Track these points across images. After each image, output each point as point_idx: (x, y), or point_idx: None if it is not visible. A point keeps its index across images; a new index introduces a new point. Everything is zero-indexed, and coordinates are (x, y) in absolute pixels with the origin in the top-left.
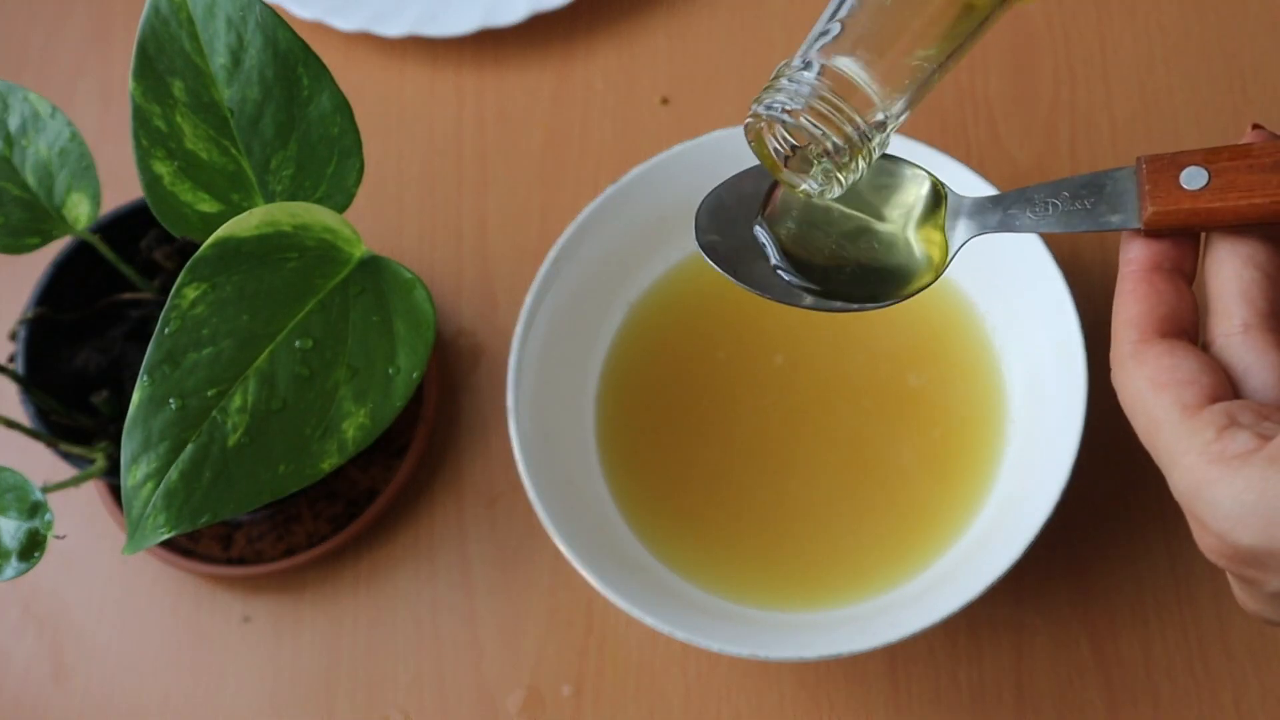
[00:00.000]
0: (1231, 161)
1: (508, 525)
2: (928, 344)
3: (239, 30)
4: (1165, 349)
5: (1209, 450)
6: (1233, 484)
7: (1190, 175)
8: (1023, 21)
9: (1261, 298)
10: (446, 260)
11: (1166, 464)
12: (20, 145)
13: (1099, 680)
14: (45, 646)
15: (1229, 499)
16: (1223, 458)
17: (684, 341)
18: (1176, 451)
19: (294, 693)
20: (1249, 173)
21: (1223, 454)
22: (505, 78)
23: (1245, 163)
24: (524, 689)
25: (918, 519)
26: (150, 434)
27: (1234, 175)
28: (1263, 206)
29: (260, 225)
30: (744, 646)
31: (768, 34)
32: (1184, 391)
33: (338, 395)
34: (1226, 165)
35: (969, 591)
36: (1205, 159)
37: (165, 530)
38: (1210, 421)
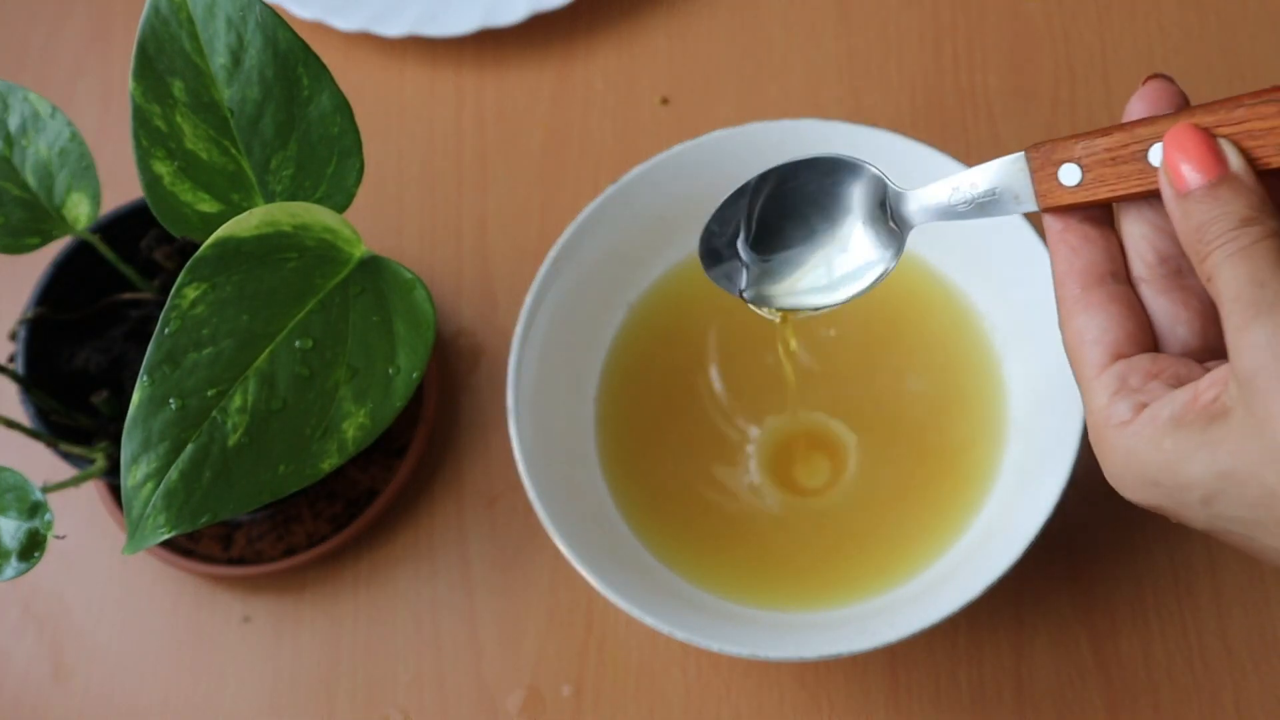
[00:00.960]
0: (1098, 157)
1: (508, 525)
2: (927, 344)
3: (239, 30)
4: (1081, 305)
5: (1100, 414)
6: (1113, 450)
7: (1066, 172)
8: (1023, 21)
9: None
10: (446, 260)
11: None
12: (20, 145)
13: (1099, 680)
14: (45, 646)
15: (1109, 461)
16: (1107, 425)
17: (684, 341)
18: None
19: (294, 693)
20: (1113, 165)
21: (1108, 421)
22: (505, 78)
23: (1109, 155)
24: (524, 689)
25: (917, 519)
26: (150, 434)
27: (1101, 170)
28: (1131, 193)
29: (260, 225)
30: (744, 646)
31: (768, 34)
32: (1091, 351)
33: (338, 395)
34: (1093, 161)
35: (968, 591)
36: (1078, 154)
37: (165, 530)
38: (1105, 385)
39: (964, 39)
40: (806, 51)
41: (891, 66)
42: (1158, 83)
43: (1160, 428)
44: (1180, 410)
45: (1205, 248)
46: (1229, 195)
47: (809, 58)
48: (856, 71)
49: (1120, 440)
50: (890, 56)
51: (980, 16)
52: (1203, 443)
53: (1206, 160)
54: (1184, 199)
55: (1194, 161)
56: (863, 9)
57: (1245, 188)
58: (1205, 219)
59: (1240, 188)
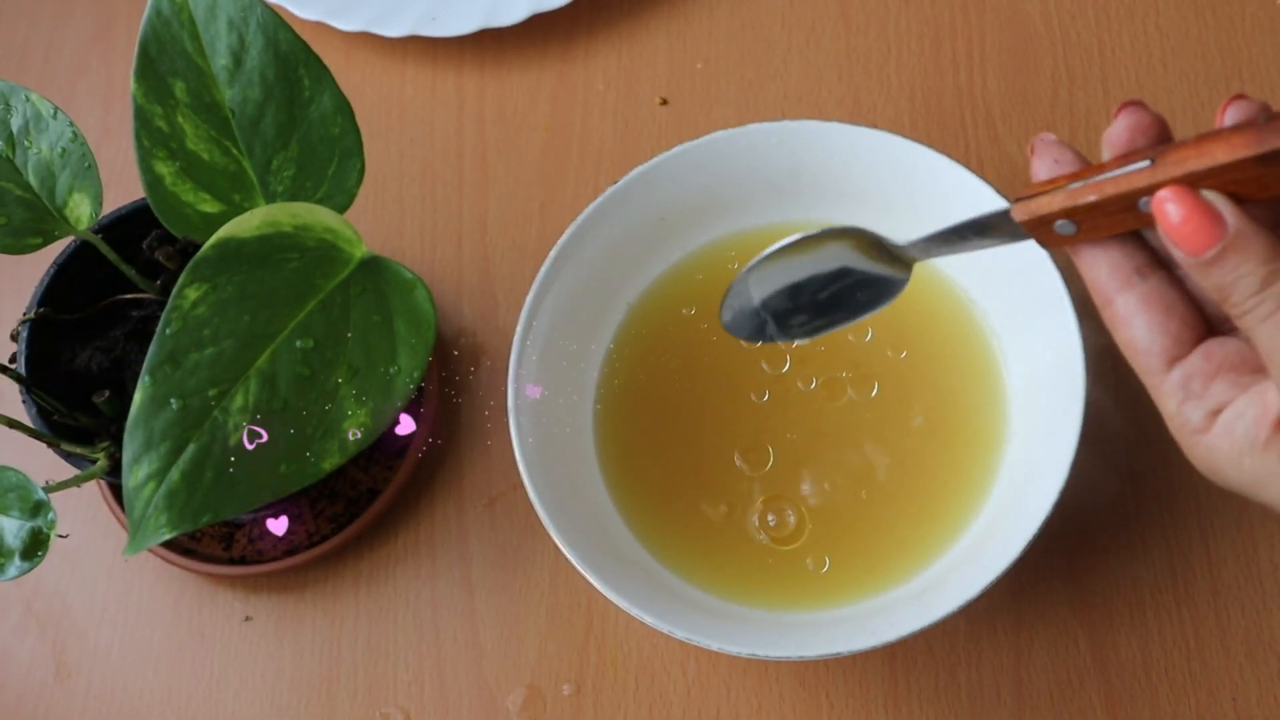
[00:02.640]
0: (1089, 214)
1: (508, 525)
2: (927, 345)
3: (240, 31)
4: (1123, 314)
5: (1175, 420)
6: (1194, 454)
7: (1061, 226)
8: (1022, 22)
9: None
10: (446, 260)
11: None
12: (22, 145)
13: (1097, 679)
14: (47, 645)
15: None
16: (1184, 431)
17: (684, 341)
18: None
19: (295, 692)
20: (1105, 216)
21: (1183, 427)
22: (505, 78)
23: (1101, 212)
24: (524, 688)
25: (916, 518)
26: (152, 434)
27: (1095, 220)
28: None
29: (261, 226)
30: (743, 645)
31: (767, 34)
32: (1146, 360)
33: (339, 395)
34: (1085, 216)
35: (968, 591)
36: (1067, 214)
37: (167, 530)
38: (1171, 394)
39: (963, 40)
40: (806, 52)
41: (891, 67)
42: (1132, 110)
43: (1237, 446)
44: (1253, 427)
45: (1236, 309)
46: (1239, 257)
47: (809, 58)
48: (856, 72)
49: (1199, 449)
50: (890, 57)
51: (980, 18)
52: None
53: (1204, 227)
54: (1197, 265)
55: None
56: (863, 9)
57: (1250, 242)
58: (1224, 282)
59: (1246, 245)
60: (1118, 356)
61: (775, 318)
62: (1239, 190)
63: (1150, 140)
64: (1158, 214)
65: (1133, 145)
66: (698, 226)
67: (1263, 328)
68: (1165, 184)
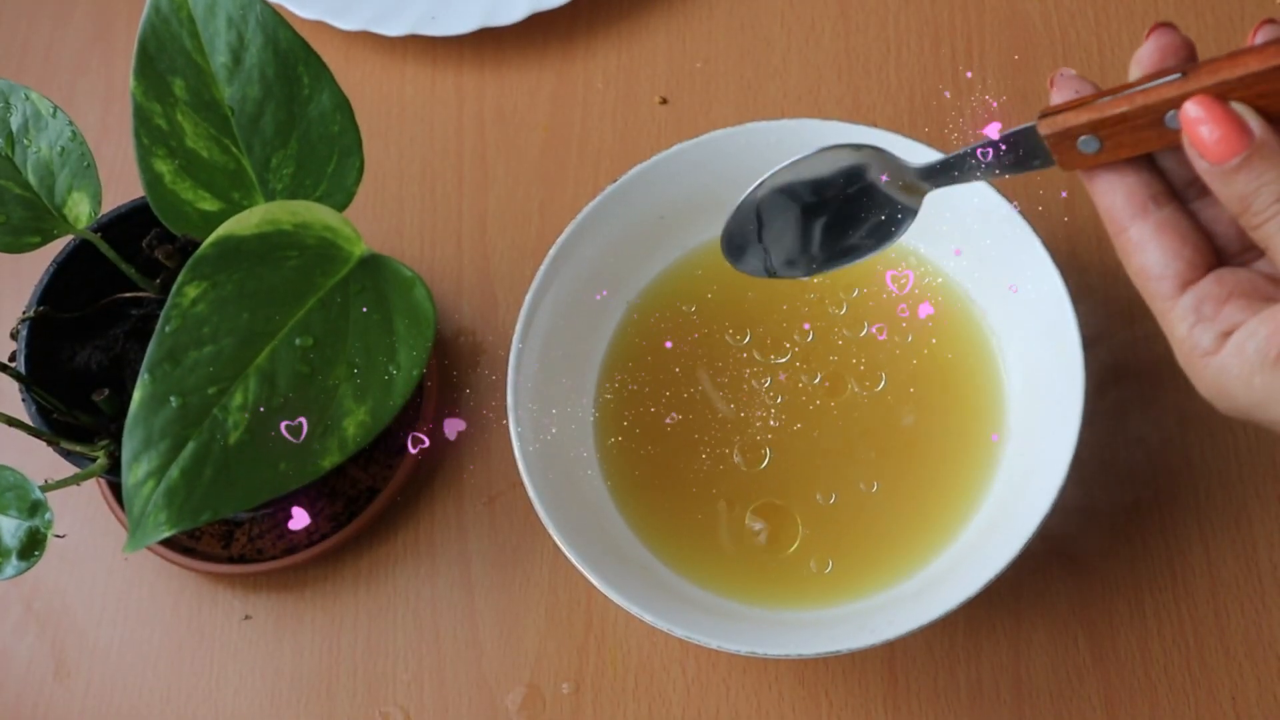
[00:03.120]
0: (1115, 128)
1: (507, 524)
2: (925, 345)
3: (240, 29)
4: (1135, 245)
5: (1183, 344)
6: (1202, 379)
7: (1085, 143)
8: (1021, 21)
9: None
10: (446, 259)
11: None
12: (22, 144)
13: (1097, 679)
14: (47, 645)
15: (1201, 387)
16: (1193, 355)
17: (683, 340)
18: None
19: (294, 690)
20: (1130, 132)
21: (1193, 351)
22: (505, 78)
23: (1127, 126)
24: (524, 686)
25: (915, 517)
26: (151, 432)
27: (1119, 137)
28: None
29: (261, 224)
30: (743, 644)
31: (767, 34)
32: (1158, 285)
33: (338, 393)
34: (1111, 132)
35: (967, 589)
36: (1093, 128)
37: (166, 528)
38: (1182, 318)
39: (963, 39)
40: (806, 51)
41: (891, 66)
42: (1163, 32)
43: (1248, 363)
44: (1265, 344)
45: (1255, 218)
46: (1263, 165)
47: (808, 58)
48: (856, 71)
49: (1208, 372)
50: (889, 56)
51: (979, 17)
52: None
53: (1230, 135)
54: (1218, 173)
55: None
56: (863, 9)
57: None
58: (1246, 190)
59: (1271, 154)
60: (1119, 355)
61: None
62: (1268, 106)
63: (1180, 61)
64: (1184, 123)
65: (1162, 64)
66: (697, 225)
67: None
68: (1194, 93)
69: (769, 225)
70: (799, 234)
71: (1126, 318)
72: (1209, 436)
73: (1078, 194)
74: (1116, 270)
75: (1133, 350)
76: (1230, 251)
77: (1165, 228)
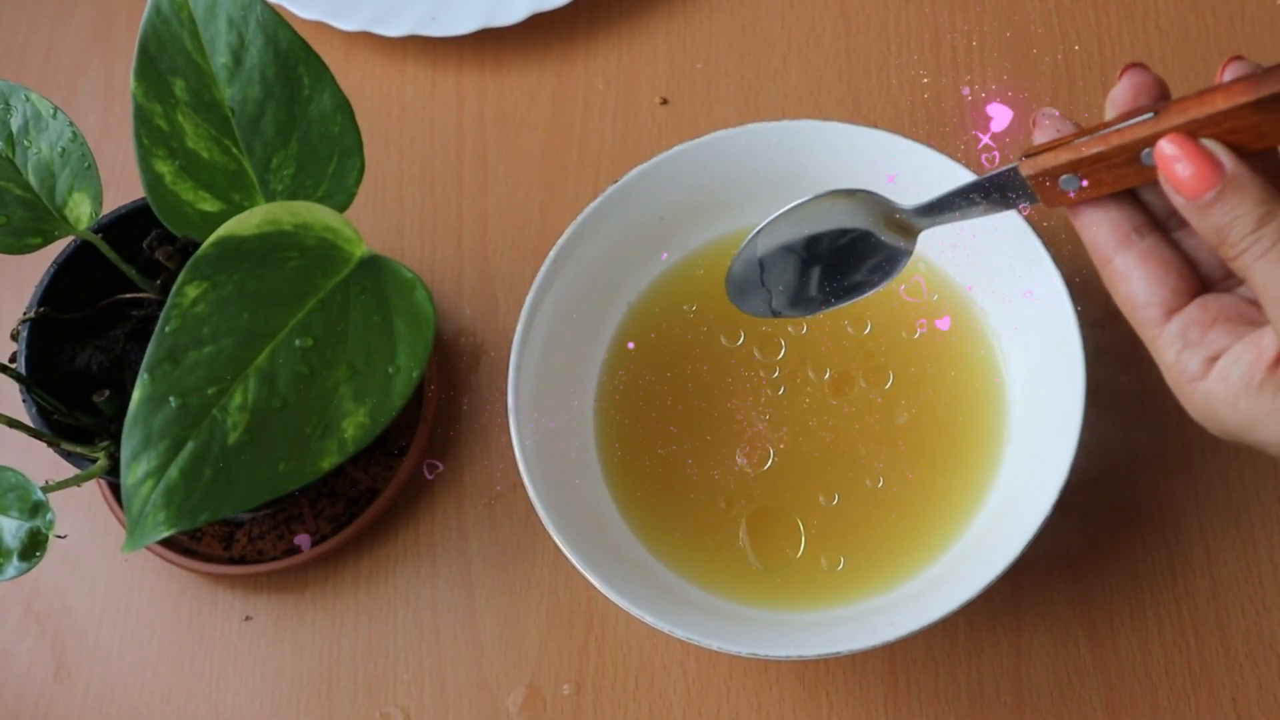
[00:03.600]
0: (1094, 166)
1: (508, 524)
2: (926, 345)
3: (240, 30)
4: (1120, 275)
5: (1172, 370)
6: (1191, 402)
7: (1066, 181)
8: (1021, 21)
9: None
10: (446, 260)
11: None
12: (22, 145)
13: (1097, 679)
14: (47, 645)
15: (1190, 409)
16: (1181, 380)
17: (684, 340)
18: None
19: (294, 691)
20: (1109, 170)
21: (1181, 376)
22: (505, 78)
23: (1105, 164)
24: (524, 687)
25: (917, 518)
26: (150, 432)
27: (1099, 175)
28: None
29: (261, 224)
30: (743, 645)
31: (767, 34)
32: (1145, 313)
33: (338, 394)
34: (1090, 170)
35: (967, 590)
36: (1072, 167)
37: (165, 528)
38: (1169, 344)
39: (963, 40)
40: (806, 52)
41: (891, 67)
42: (1135, 72)
43: (1233, 389)
44: (1248, 370)
45: (1231, 250)
46: (1236, 198)
47: (809, 58)
48: (856, 72)
49: (1196, 396)
50: (890, 57)
51: (979, 18)
52: (1274, 408)
53: (1203, 171)
54: (1195, 209)
55: (1192, 173)
56: (863, 9)
57: (1247, 184)
58: (1221, 223)
59: (1243, 187)
60: (1118, 355)
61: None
62: (1238, 140)
63: (1152, 99)
64: (1159, 160)
65: (1136, 104)
66: (698, 226)
67: (1258, 265)
68: (1167, 132)
69: (770, 270)
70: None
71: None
72: (1209, 437)
73: None
74: None
75: (1133, 350)
76: (1214, 278)
77: (1149, 257)
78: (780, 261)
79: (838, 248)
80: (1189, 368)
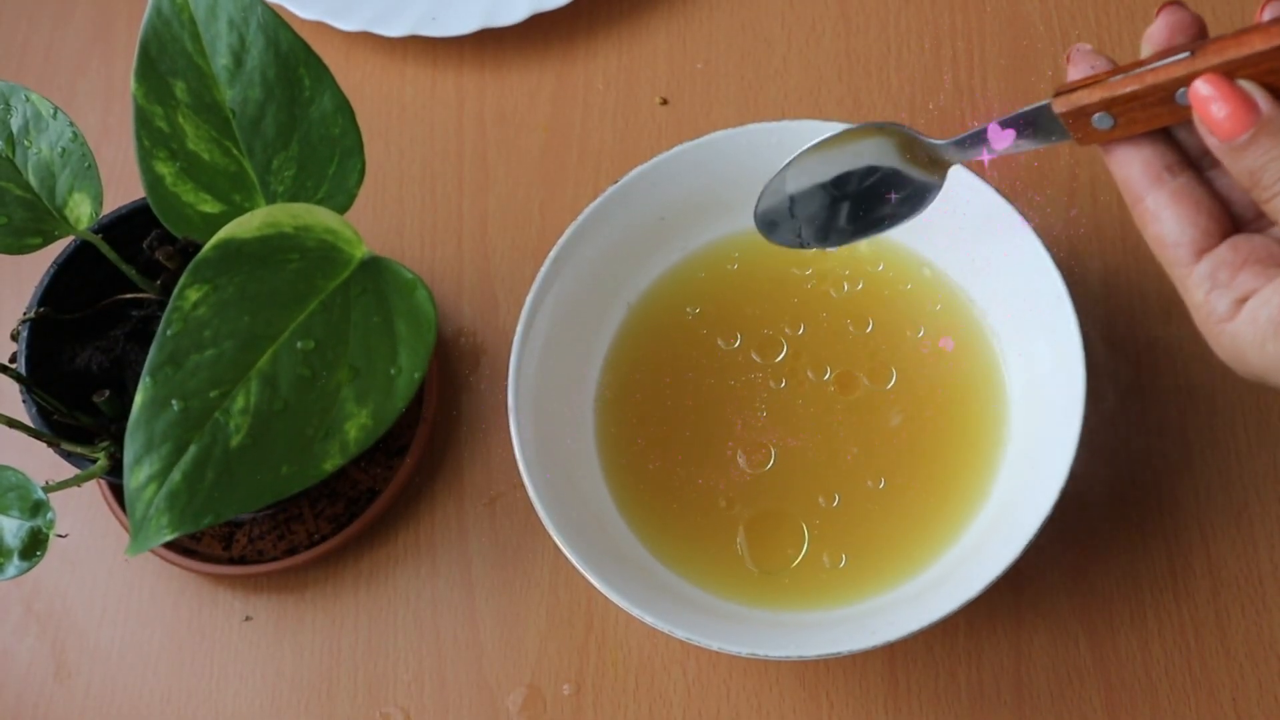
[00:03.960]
0: (1127, 105)
1: (508, 524)
2: (927, 345)
3: (241, 31)
4: (1150, 214)
5: (1200, 310)
6: (1219, 344)
7: (1099, 119)
8: (1022, 22)
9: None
10: (447, 260)
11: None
12: (22, 145)
13: (1097, 679)
14: (47, 645)
15: (1218, 350)
16: (1209, 320)
17: (683, 342)
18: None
19: (295, 691)
20: (1143, 109)
21: (1209, 317)
22: (505, 78)
23: (1139, 103)
24: (524, 687)
25: (917, 518)
26: (153, 436)
27: (1132, 114)
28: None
29: (262, 226)
30: (744, 645)
31: (767, 34)
32: (1174, 252)
33: (339, 396)
34: (1123, 109)
35: (968, 591)
36: (1106, 105)
37: (169, 531)
38: (1198, 285)
39: (963, 39)
40: (806, 52)
41: (891, 67)
42: (1172, 10)
43: (1261, 331)
44: (1277, 313)
45: (1265, 192)
46: (1270, 141)
47: (809, 59)
48: (856, 72)
49: (1224, 337)
50: (890, 57)
51: (979, 17)
52: None
53: (1238, 112)
54: (1228, 149)
55: (1227, 113)
56: (863, 9)
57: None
58: (1255, 165)
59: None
60: (1119, 355)
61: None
62: (1275, 82)
63: (1189, 38)
64: (1194, 101)
65: (1172, 42)
66: (698, 226)
67: None
68: (1203, 72)
69: (799, 204)
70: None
71: (1128, 318)
72: (1209, 436)
73: (1077, 195)
74: (1117, 271)
75: (1134, 350)
76: (1246, 218)
77: (1180, 196)
78: (809, 197)
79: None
80: (1217, 309)
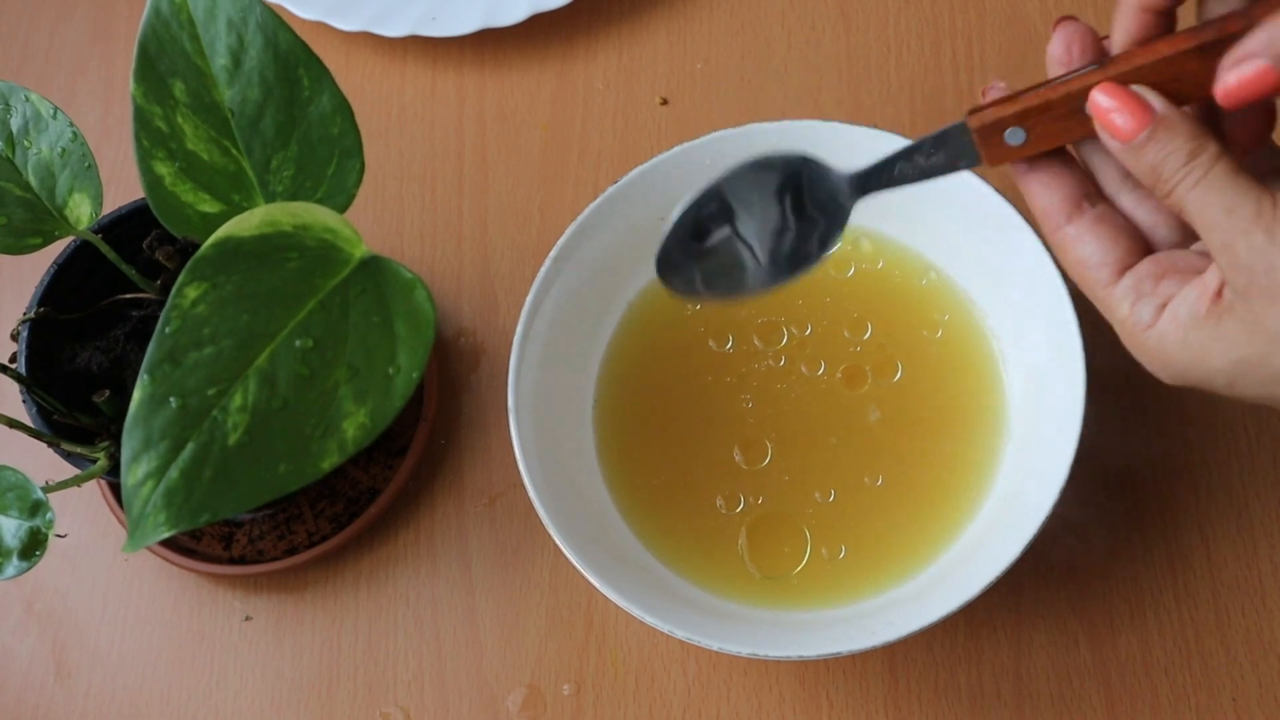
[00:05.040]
0: (1040, 117)
1: (508, 524)
2: (927, 344)
3: (240, 31)
4: (1072, 239)
5: (1126, 323)
6: (1145, 352)
7: (1011, 134)
8: (1021, 22)
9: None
10: (446, 260)
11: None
12: (22, 145)
13: (1097, 679)
14: (47, 645)
15: (1145, 360)
16: (1136, 331)
17: (683, 341)
18: (1108, 316)
19: (295, 691)
20: (1054, 122)
21: (1135, 328)
22: (505, 78)
23: (1049, 115)
24: (524, 687)
25: (917, 518)
26: (151, 433)
27: (1044, 127)
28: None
29: (261, 225)
30: (744, 645)
31: (767, 34)
32: (1098, 273)
33: (338, 395)
34: (1036, 121)
35: (968, 591)
36: (1019, 118)
37: (165, 529)
38: (1122, 298)
39: (963, 40)
40: (806, 52)
41: (891, 67)
42: (1064, 25)
43: (1182, 325)
44: (1194, 305)
45: (1166, 185)
46: (1166, 135)
47: (809, 58)
48: (856, 72)
49: (1150, 342)
50: (890, 57)
51: (979, 18)
52: (1217, 336)
53: (1136, 112)
54: (1128, 150)
55: (1124, 115)
56: (863, 9)
57: (1177, 123)
58: (1155, 160)
59: (1173, 125)
60: (1119, 355)
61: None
62: (1181, 89)
63: (1083, 48)
64: (1093, 109)
65: (1067, 54)
66: None
67: (1191, 195)
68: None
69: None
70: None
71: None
72: (1209, 436)
73: None
74: None
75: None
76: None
77: (1101, 221)
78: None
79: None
80: (1142, 318)
